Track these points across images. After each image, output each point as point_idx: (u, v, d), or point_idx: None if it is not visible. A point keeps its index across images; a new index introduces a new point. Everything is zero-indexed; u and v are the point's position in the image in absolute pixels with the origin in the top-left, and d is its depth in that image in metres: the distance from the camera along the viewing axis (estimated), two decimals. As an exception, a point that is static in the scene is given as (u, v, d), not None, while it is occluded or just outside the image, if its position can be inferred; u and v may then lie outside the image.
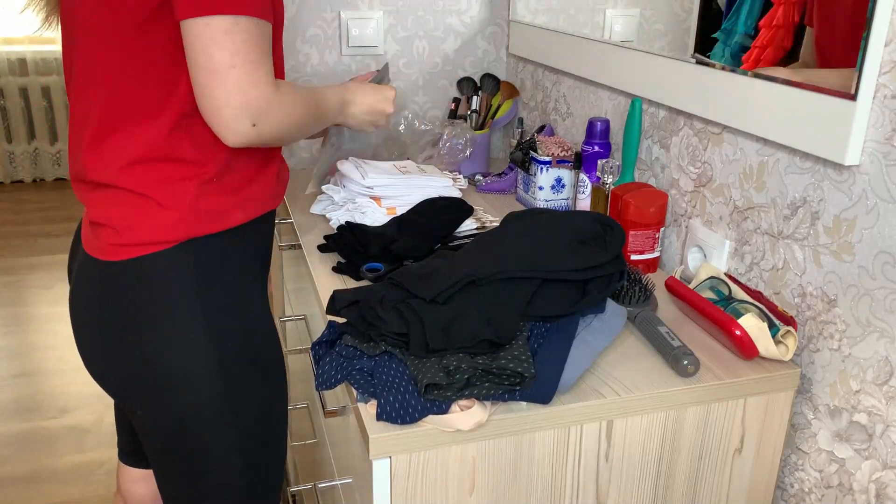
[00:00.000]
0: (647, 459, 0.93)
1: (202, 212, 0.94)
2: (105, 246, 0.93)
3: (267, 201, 1.03)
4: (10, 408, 2.51)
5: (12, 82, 4.70)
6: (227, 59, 0.81)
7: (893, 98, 0.83)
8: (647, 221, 1.20)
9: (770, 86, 0.98)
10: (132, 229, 0.92)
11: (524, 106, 1.85)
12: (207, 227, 0.94)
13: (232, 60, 0.82)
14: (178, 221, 0.92)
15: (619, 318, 0.97)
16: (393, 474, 0.84)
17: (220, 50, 0.81)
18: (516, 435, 0.86)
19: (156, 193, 0.92)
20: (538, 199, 1.44)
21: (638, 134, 1.29)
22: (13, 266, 3.63)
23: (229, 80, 0.82)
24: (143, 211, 0.92)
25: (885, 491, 0.88)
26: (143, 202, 0.92)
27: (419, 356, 0.87)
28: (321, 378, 0.89)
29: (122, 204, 0.93)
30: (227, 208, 0.96)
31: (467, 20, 1.86)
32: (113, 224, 0.93)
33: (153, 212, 0.92)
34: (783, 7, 0.96)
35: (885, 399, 0.87)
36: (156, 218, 0.92)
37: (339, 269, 1.19)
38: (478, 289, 0.92)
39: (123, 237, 0.92)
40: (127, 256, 0.92)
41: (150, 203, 0.92)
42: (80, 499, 2.11)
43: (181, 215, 0.92)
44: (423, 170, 1.40)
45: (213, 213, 0.95)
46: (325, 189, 1.38)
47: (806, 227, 0.97)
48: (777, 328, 0.95)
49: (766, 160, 1.03)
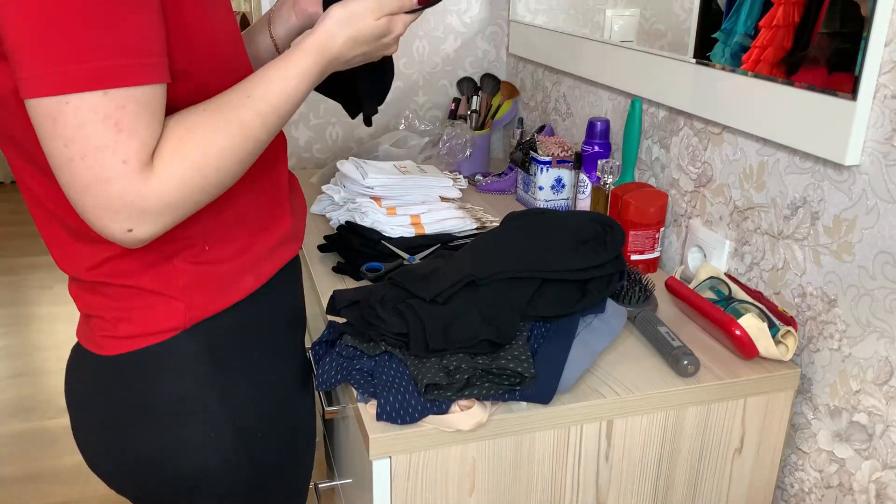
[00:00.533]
0: (647, 459, 0.93)
1: (204, 287, 0.78)
2: (99, 339, 0.78)
3: (279, 252, 0.84)
4: (10, 408, 2.51)
5: (12, 82, 4.70)
6: (63, 150, 0.60)
7: (893, 98, 0.83)
8: (647, 221, 1.20)
9: (770, 86, 0.97)
10: (125, 321, 0.77)
11: (524, 106, 1.85)
12: (215, 303, 0.78)
13: (68, 152, 0.60)
14: (177, 306, 0.76)
15: (619, 318, 0.97)
16: (393, 474, 0.84)
17: (53, 140, 0.60)
18: (516, 435, 0.86)
19: (141, 281, 0.75)
20: (538, 199, 1.44)
21: (638, 134, 1.29)
22: (13, 266, 3.63)
23: (73, 178, 0.61)
24: (133, 300, 0.76)
25: (885, 491, 0.88)
26: (129, 292, 0.76)
27: (419, 356, 0.87)
28: (321, 378, 0.89)
29: (108, 295, 0.77)
30: (232, 276, 0.79)
31: (467, 20, 1.86)
32: (102, 315, 0.78)
33: (146, 300, 0.76)
34: (783, 7, 0.95)
35: (885, 399, 0.87)
36: (150, 307, 0.76)
37: (338, 269, 1.19)
38: (478, 289, 0.92)
39: (118, 330, 0.77)
40: (125, 350, 0.77)
41: (138, 291, 0.76)
42: (80, 499, 2.11)
43: (178, 299, 0.76)
44: (423, 170, 1.40)
45: (218, 286, 0.78)
46: (325, 189, 1.38)
47: (806, 227, 0.97)
48: (777, 328, 0.95)
49: (766, 160, 1.03)
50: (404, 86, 1.88)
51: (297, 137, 1.85)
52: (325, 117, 1.85)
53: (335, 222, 1.31)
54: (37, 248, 3.84)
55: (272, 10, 0.99)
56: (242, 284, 0.80)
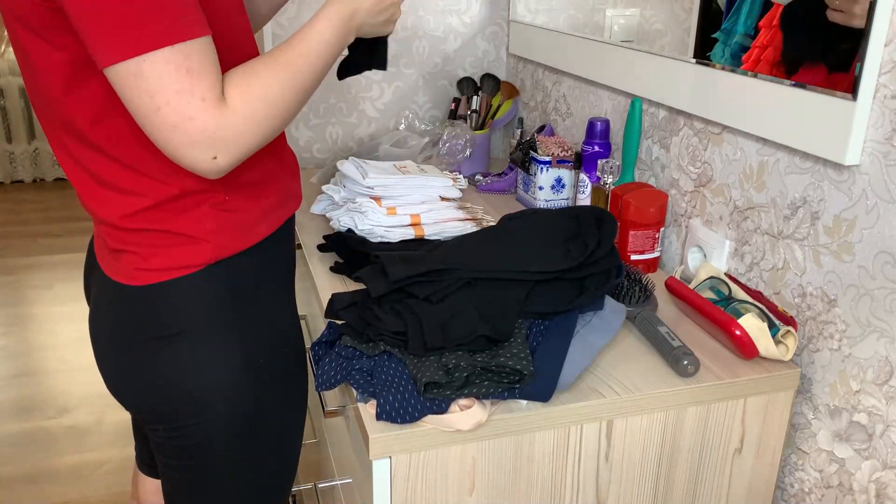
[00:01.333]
0: (647, 459, 0.93)
1: (226, 232, 0.89)
2: (129, 271, 0.89)
3: (285, 206, 0.99)
4: (10, 408, 2.51)
5: (12, 82, 4.70)
6: (149, 102, 0.73)
7: (893, 98, 0.83)
8: (647, 221, 1.20)
9: (770, 86, 0.98)
10: (157, 256, 0.88)
11: (524, 106, 1.85)
12: (234, 246, 0.90)
13: (154, 102, 0.73)
14: (204, 246, 0.88)
15: (618, 315, 0.97)
16: (393, 474, 0.84)
17: (139, 95, 0.73)
18: (516, 435, 0.86)
19: (172, 226, 0.87)
20: (538, 199, 1.44)
21: (638, 134, 1.29)
22: (13, 266, 3.63)
23: (161, 124, 0.74)
24: (165, 240, 0.88)
25: (885, 491, 0.88)
26: (163, 236, 0.88)
27: (418, 355, 0.87)
28: (321, 378, 0.89)
29: (141, 236, 0.88)
30: (249, 224, 0.92)
31: (467, 20, 1.86)
32: (136, 250, 0.88)
33: (176, 240, 0.88)
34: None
35: (885, 399, 0.87)
36: (180, 245, 0.88)
37: (336, 270, 1.19)
38: (474, 287, 0.92)
39: (149, 263, 0.88)
40: (156, 280, 0.88)
41: (170, 235, 0.88)
42: (80, 499, 2.11)
43: (205, 240, 0.88)
44: (423, 170, 1.40)
45: (237, 231, 0.90)
46: (325, 189, 1.38)
47: (806, 227, 0.97)
48: (777, 328, 0.95)
49: (766, 160, 1.03)
50: (404, 86, 1.88)
51: (297, 137, 1.85)
52: (325, 117, 1.85)
53: (335, 222, 1.31)
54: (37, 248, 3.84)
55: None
56: (257, 230, 0.92)
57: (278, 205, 0.97)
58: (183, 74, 0.73)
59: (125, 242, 0.88)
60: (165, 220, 0.87)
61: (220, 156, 0.77)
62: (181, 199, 0.87)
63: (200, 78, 0.74)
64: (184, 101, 0.73)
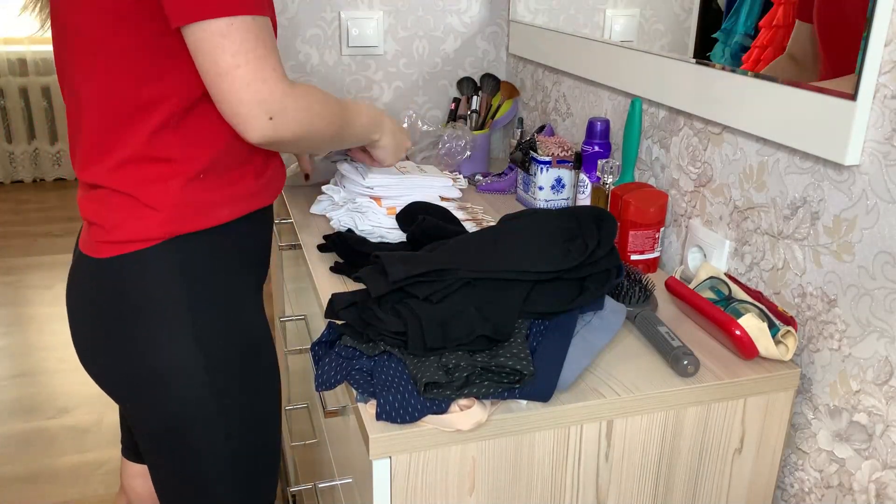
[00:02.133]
0: (647, 459, 0.93)
1: (187, 208, 0.94)
2: (95, 243, 0.94)
3: (255, 198, 1.02)
4: (10, 408, 2.51)
5: (12, 82, 4.70)
6: (230, 59, 0.82)
7: (893, 98, 0.83)
8: (647, 221, 1.20)
9: (770, 86, 0.98)
10: (119, 227, 0.93)
11: (524, 106, 1.85)
12: (192, 223, 0.94)
13: (235, 60, 0.82)
14: (163, 219, 0.93)
15: (618, 315, 0.97)
16: (393, 474, 0.84)
17: (222, 53, 0.81)
18: (516, 435, 0.86)
19: (141, 193, 0.92)
20: (538, 199, 1.44)
21: (638, 134, 1.29)
22: (13, 266, 3.63)
23: (236, 80, 0.82)
24: (129, 210, 0.93)
25: (885, 491, 0.88)
26: (129, 202, 0.93)
27: (418, 354, 0.87)
28: (321, 378, 0.89)
29: (110, 203, 0.93)
30: (212, 204, 0.96)
31: (467, 20, 1.86)
32: (101, 222, 0.94)
33: (139, 211, 0.92)
34: (783, 7, 0.96)
35: (885, 399, 0.87)
36: (141, 216, 0.92)
37: (336, 269, 1.19)
38: (474, 287, 0.92)
39: (111, 234, 0.93)
40: (115, 253, 0.93)
41: (136, 203, 0.92)
42: (80, 499, 2.11)
43: (166, 213, 0.93)
44: (423, 170, 1.40)
45: (198, 210, 0.95)
46: (325, 189, 1.38)
47: (806, 227, 0.97)
48: (777, 328, 0.95)
49: (766, 160, 1.03)
50: (404, 86, 1.88)
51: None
52: (325, 117, 1.85)
53: (335, 222, 1.31)
54: (37, 248, 3.84)
55: None
56: (219, 213, 0.96)
57: (250, 194, 1.00)
58: (260, 44, 0.83)
59: (95, 213, 0.94)
60: (137, 184, 0.92)
61: (276, 117, 0.86)
62: (161, 164, 0.92)
63: (272, 52, 0.85)
64: (261, 64, 0.83)
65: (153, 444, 1.02)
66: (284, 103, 0.86)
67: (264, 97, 0.84)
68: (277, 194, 1.08)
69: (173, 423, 0.98)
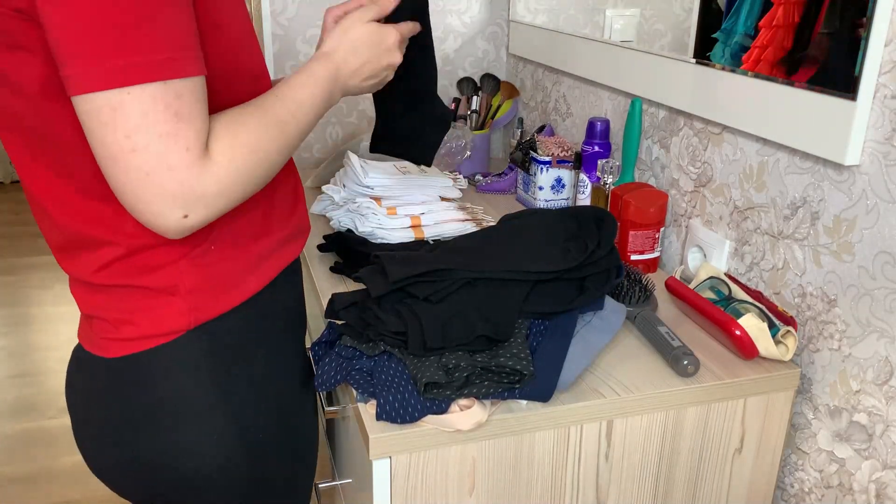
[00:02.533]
0: (647, 459, 0.93)
1: (207, 289, 0.78)
2: (100, 341, 0.79)
3: (286, 249, 0.86)
4: (10, 408, 2.51)
5: (12, 82, 4.70)
6: (122, 141, 0.62)
7: (893, 98, 0.83)
8: (647, 221, 1.20)
9: (770, 86, 0.97)
10: (128, 323, 0.77)
11: (524, 106, 1.85)
12: (218, 306, 0.79)
13: (130, 143, 0.62)
14: (181, 307, 0.77)
15: (618, 315, 0.97)
16: (393, 474, 0.84)
17: (111, 133, 0.61)
18: (516, 435, 0.86)
19: (146, 282, 0.76)
20: (538, 199, 1.44)
21: (638, 134, 1.29)
22: (13, 266, 3.63)
23: (134, 168, 0.62)
24: (136, 302, 0.77)
25: (885, 491, 0.88)
26: (134, 293, 0.77)
27: (418, 355, 0.87)
28: (321, 378, 0.89)
29: (111, 296, 0.78)
30: (236, 277, 0.80)
31: (467, 20, 1.86)
32: (104, 316, 0.78)
33: (149, 301, 0.77)
34: (783, 7, 0.96)
35: (885, 399, 0.87)
36: (154, 308, 0.77)
37: (336, 270, 1.19)
38: (474, 287, 0.92)
39: (120, 332, 0.77)
40: (128, 352, 0.78)
41: (143, 292, 0.77)
42: (79, 499, 2.11)
43: (182, 300, 0.77)
44: (423, 170, 1.40)
45: (222, 288, 0.79)
46: (326, 189, 1.38)
47: (806, 227, 0.97)
48: (777, 328, 0.95)
49: (766, 160, 1.03)
50: (404, 86, 1.88)
51: (297, 137, 1.85)
52: (325, 117, 1.85)
53: (335, 222, 1.31)
54: (37, 248, 3.84)
55: None
56: (246, 286, 0.81)
57: (274, 249, 0.85)
58: (171, 117, 0.63)
59: (96, 305, 0.79)
60: (138, 274, 0.76)
61: (191, 214, 0.66)
62: (157, 249, 0.76)
63: (189, 124, 0.64)
64: (166, 146, 0.63)
65: None
66: (202, 191, 0.66)
67: (170, 190, 0.64)
68: (306, 237, 0.92)
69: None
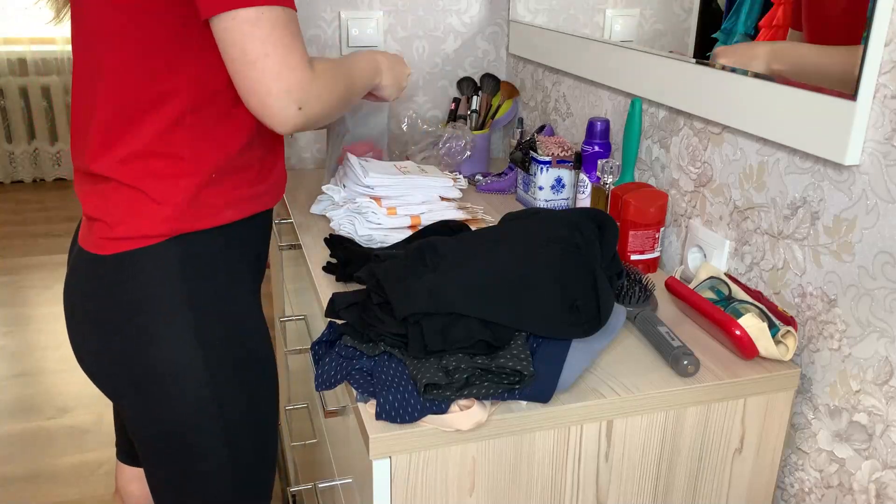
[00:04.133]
0: (647, 459, 0.93)
1: (193, 208, 0.94)
2: (97, 240, 0.94)
3: (260, 200, 1.03)
4: (10, 408, 2.51)
5: (12, 82, 4.70)
6: (260, 48, 0.83)
7: (893, 98, 0.83)
8: (647, 221, 1.20)
9: (770, 86, 0.98)
10: (122, 223, 0.92)
11: (524, 106, 1.85)
12: (196, 223, 0.95)
13: (264, 49, 0.83)
14: (168, 217, 0.93)
15: (618, 316, 0.97)
16: (393, 474, 0.84)
17: (251, 41, 0.83)
18: (516, 435, 0.86)
19: (149, 188, 0.92)
20: (538, 199, 1.44)
21: (638, 134, 1.29)
22: (13, 266, 3.63)
23: (266, 69, 0.83)
24: (134, 205, 0.92)
25: (885, 491, 0.88)
26: (137, 196, 0.92)
27: (418, 357, 0.87)
28: (321, 378, 0.89)
29: (116, 197, 0.93)
30: (219, 206, 0.96)
31: (467, 20, 1.86)
32: (105, 218, 0.93)
33: (144, 207, 0.92)
34: (783, 7, 0.96)
35: (885, 399, 0.87)
36: (146, 213, 0.92)
37: (328, 269, 1.18)
38: None
39: (114, 231, 0.93)
40: (117, 250, 0.93)
41: (143, 197, 0.92)
42: (79, 499, 2.11)
43: (171, 211, 0.93)
44: (423, 170, 1.40)
45: (204, 210, 0.95)
46: (326, 189, 1.38)
47: (806, 227, 0.97)
48: (777, 328, 0.95)
49: (766, 160, 1.03)
50: (404, 86, 1.88)
51: (298, 137, 1.85)
52: (325, 117, 1.85)
53: (335, 223, 1.31)
54: (37, 248, 3.84)
55: None
56: (223, 215, 0.97)
57: (254, 197, 1.01)
58: (289, 34, 0.85)
59: (98, 209, 0.94)
60: (146, 176, 0.92)
61: (305, 107, 0.87)
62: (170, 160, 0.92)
63: (299, 42, 0.87)
64: (289, 53, 0.84)
65: (150, 447, 1.01)
66: (311, 91, 0.87)
67: (292, 87, 0.85)
68: (280, 197, 1.07)
69: (171, 424, 0.97)
